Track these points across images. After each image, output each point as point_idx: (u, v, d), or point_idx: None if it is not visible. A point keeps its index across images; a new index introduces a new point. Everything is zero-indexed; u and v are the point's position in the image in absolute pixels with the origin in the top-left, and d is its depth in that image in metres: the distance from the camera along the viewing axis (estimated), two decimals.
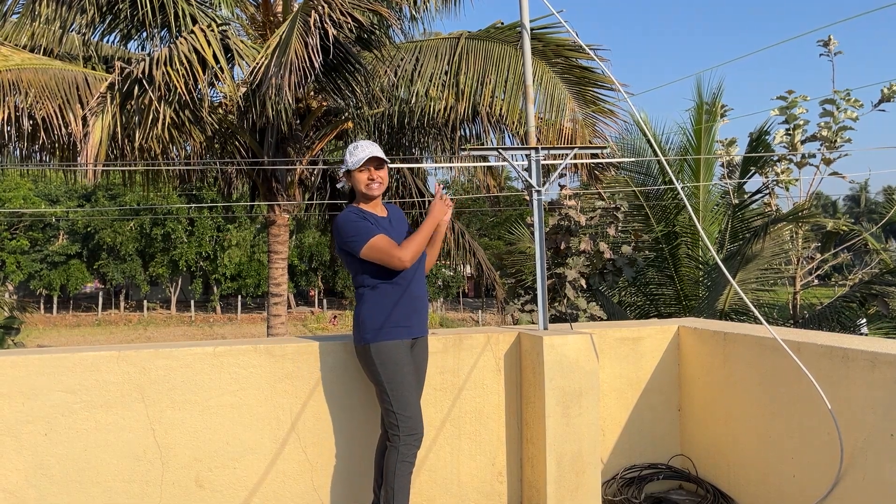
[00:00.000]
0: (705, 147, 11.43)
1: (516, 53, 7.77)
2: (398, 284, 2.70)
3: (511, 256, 11.10)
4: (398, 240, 2.74)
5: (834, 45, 11.76)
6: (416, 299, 2.72)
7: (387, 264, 2.64)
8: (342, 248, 2.72)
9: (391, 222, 2.85)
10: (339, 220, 2.73)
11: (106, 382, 2.64)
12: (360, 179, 2.78)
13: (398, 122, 9.53)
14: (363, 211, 2.76)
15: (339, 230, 2.70)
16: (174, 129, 7.04)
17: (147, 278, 40.10)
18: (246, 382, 2.80)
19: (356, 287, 2.75)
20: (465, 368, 3.06)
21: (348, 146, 2.88)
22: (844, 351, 2.51)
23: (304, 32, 5.76)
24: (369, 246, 2.63)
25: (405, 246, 2.66)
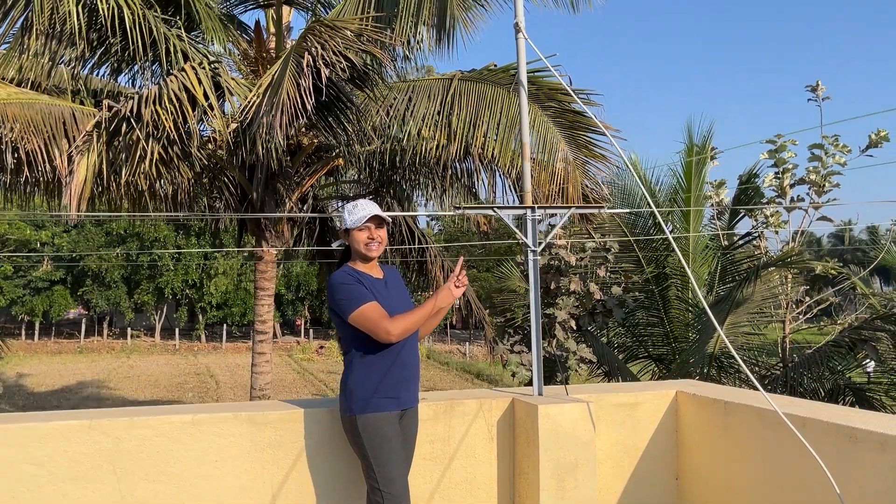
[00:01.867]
0: (695, 189, 11.43)
1: (509, 96, 7.75)
2: (389, 353, 2.58)
3: (501, 295, 11.00)
4: (392, 305, 2.62)
5: (822, 90, 11.88)
6: (406, 369, 2.60)
7: (373, 335, 2.52)
8: (333, 309, 2.60)
9: (387, 285, 2.73)
10: (332, 280, 2.61)
11: (76, 454, 2.50)
12: (359, 239, 2.67)
13: (390, 160, 9.47)
14: (358, 272, 2.64)
15: (332, 291, 2.58)
16: (162, 166, 6.93)
17: (132, 305, 39.65)
18: (226, 452, 2.66)
19: (345, 352, 2.63)
20: (457, 437, 2.93)
21: (346, 205, 2.77)
22: (852, 430, 2.41)
23: (296, 73, 5.70)
24: (359, 312, 2.51)
25: (397, 321, 2.53)
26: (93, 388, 24.86)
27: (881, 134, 11.47)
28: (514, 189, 8.52)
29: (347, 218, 2.67)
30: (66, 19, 6.38)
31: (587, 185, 7.80)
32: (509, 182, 8.22)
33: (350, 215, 2.67)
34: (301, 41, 5.93)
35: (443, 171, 9.37)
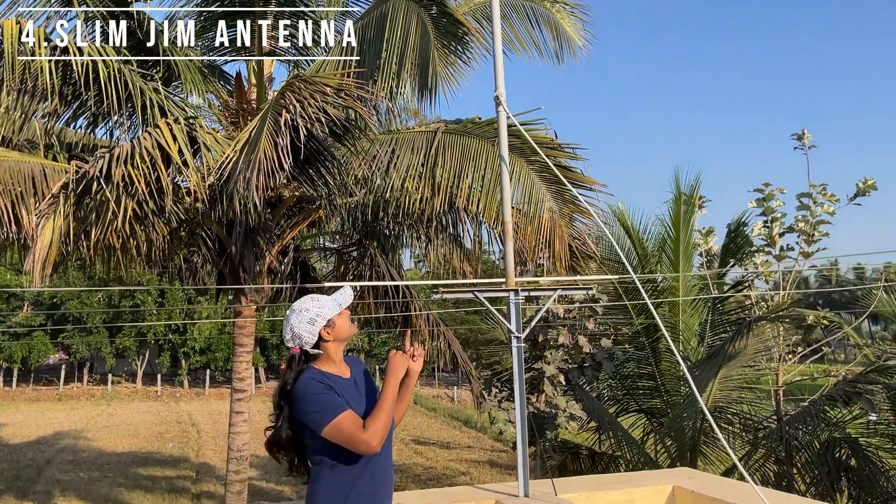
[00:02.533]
0: (684, 238, 11.31)
1: (494, 149, 7.62)
2: (360, 465, 2.32)
3: (488, 347, 10.75)
4: (363, 402, 2.37)
5: (808, 138, 11.87)
6: (379, 482, 2.35)
7: (352, 448, 2.27)
8: (301, 419, 2.33)
9: (356, 383, 2.48)
10: (301, 390, 2.33)
11: None
12: (343, 325, 2.42)
13: (373, 211, 9.29)
14: (327, 376, 2.38)
15: (301, 401, 2.31)
16: (136, 222, 6.71)
17: (113, 351, 38.94)
18: None
19: (312, 463, 2.37)
20: None
21: (304, 305, 2.48)
22: None
23: (273, 131, 5.52)
24: (334, 426, 2.25)
25: (370, 426, 2.27)
26: (70, 439, 24.15)
27: (868, 182, 11.43)
28: (501, 241, 8.34)
29: (323, 312, 2.41)
30: (39, 75, 6.21)
31: (574, 239, 7.64)
32: (495, 235, 8.04)
33: (322, 309, 2.41)
34: (279, 98, 5.78)
35: (427, 222, 9.19)
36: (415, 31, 6.35)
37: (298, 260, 10.20)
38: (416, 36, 6.39)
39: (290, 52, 8.70)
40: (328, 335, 2.43)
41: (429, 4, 6.45)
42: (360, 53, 7.00)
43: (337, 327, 2.42)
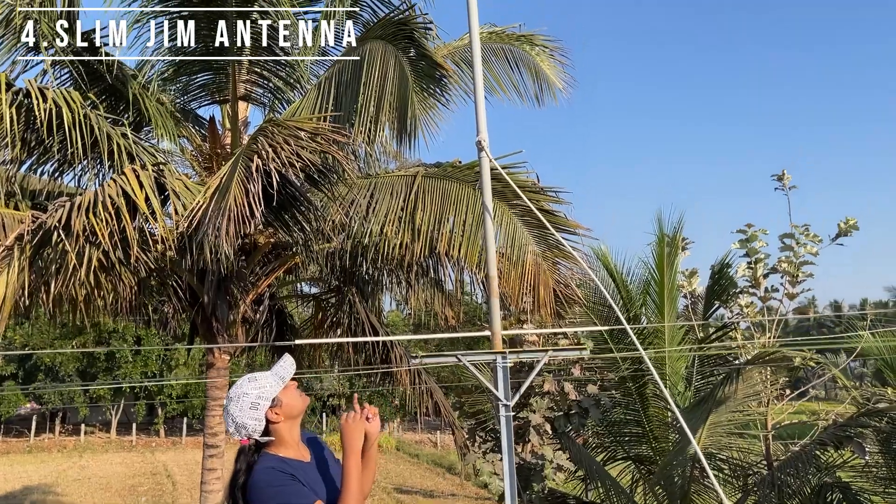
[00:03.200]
0: (668, 281, 11.14)
1: (475, 193, 7.44)
2: None
3: (471, 396, 10.42)
4: (330, 490, 2.09)
5: (788, 179, 11.86)
6: None
7: None
8: None
9: (317, 463, 2.19)
10: (257, 480, 2.01)
11: None
12: (293, 400, 2.14)
13: (352, 257, 9.04)
14: (287, 462, 2.07)
15: (259, 494, 1.98)
16: (101, 273, 6.40)
17: (87, 400, 37.88)
18: None
19: None
20: None
21: (240, 390, 2.18)
22: None
23: (245, 178, 5.29)
24: None
25: None
26: (39, 494, 23.23)
27: (850, 223, 11.40)
28: (484, 287, 8.11)
29: (265, 392, 2.13)
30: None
31: (559, 283, 7.42)
32: (479, 281, 7.81)
33: (264, 389, 2.13)
34: (251, 143, 5.56)
35: (408, 268, 8.96)
36: (392, 74, 6.20)
37: (274, 308, 9.89)
38: (393, 79, 6.23)
39: (265, 96, 8.52)
40: (277, 416, 2.14)
41: (406, 47, 6.32)
42: (336, 97, 6.84)
43: (285, 405, 2.13)
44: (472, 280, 8.13)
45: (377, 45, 6.43)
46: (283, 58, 8.22)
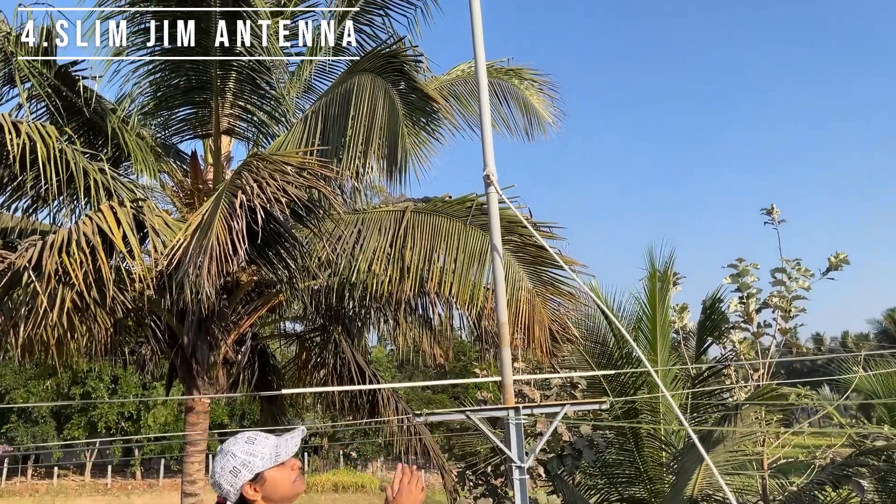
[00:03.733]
0: (660, 316, 10.96)
1: (465, 228, 7.24)
2: None
3: (461, 438, 10.07)
4: None
5: (777, 213, 11.79)
6: None
7: None
8: None
9: None
10: None
11: None
12: (284, 481, 1.86)
13: (338, 295, 8.76)
14: None
15: None
16: (75, 314, 6.08)
17: (60, 440, 36.78)
18: None
19: None
20: None
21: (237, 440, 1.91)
22: None
23: (228, 214, 5.04)
24: None
25: None
26: None
27: (840, 257, 11.31)
28: (476, 326, 7.86)
29: (253, 462, 1.85)
30: None
31: (554, 321, 7.19)
32: (471, 322, 7.55)
33: (253, 457, 1.85)
34: (235, 178, 5.33)
35: (396, 305, 8.70)
36: (382, 107, 6.01)
37: (257, 348, 9.54)
38: (383, 112, 6.04)
39: (249, 130, 8.31)
40: (254, 494, 1.87)
41: (396, 80, 6.14)
42: (323, 131, 6.63)
43: (268, 484, 1.86)
44: (462, 318, 7.88)
45: (366, 77, 6.25)
46: (270, 90, 8.04)
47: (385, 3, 8.59)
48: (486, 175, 2.44)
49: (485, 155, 2.41)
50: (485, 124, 2.58)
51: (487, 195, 2.44)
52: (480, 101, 2.73)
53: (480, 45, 2.95)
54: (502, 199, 2.54)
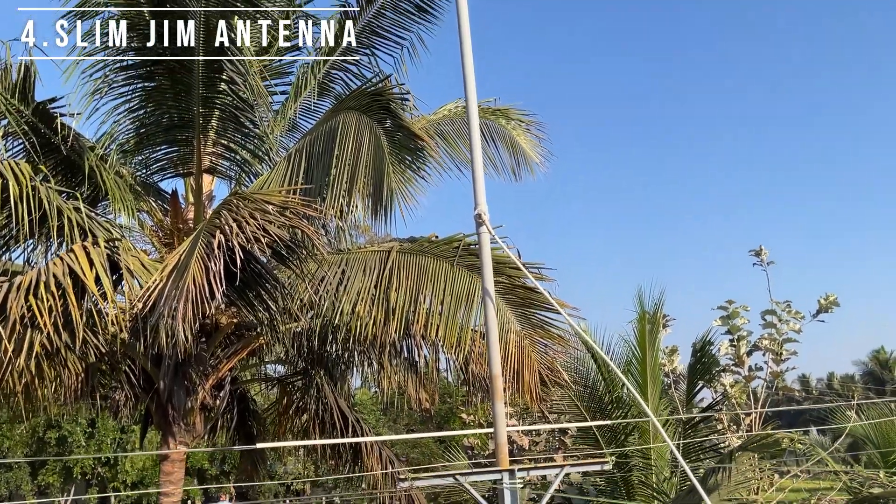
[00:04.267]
0: (650, 359, 10.78)
1: (453, 270, 7.07)
2: None
3: (451, 496, 9.72)
4: None
5: (765, 254, 11.72)
6: None
7: None
8: None
9: None
10: None
11: None
12: None
13: (321, 337, 8.51)
14: None
15: None
16: (44, 360, 5.80)
17: (34, 488, 35.63)
18: None
19: None
20: None
21: None
22: None
23: (205, 255, 4.84)
24: None
25: None
26: None
27: (830, 299, 11.23)
28: (463, 370, 7.63)
29: None
30: None
31: (542, 365, 6.98)
32: (459, 366, 7.33)
33: None
34: (213, 218, 5.14)
35: (380, 348, 8.46)
36: (367, 145, 5.88)
37: (236, 392, 9.23)
38: (368, 151, 5.91)
39: (231, 168, 8.15)
40: None
41: (382, 118, 6.02)
42: (307, 169, 6.47)
43: None
44: (449, 362, 7.65)
45: (351, 116, 6.13)
46: (253, 129, 7.91)
47: (371, 42, 8.55)
48: (478, 214, 2.29)
49: (476, 193, 2.25)
50: (475, 161, 2.44)
51: (479, 235, 2.29)
52: (471, 138, 2.59)
53: (472, 85, 2.82)
54: (493, 239, 2.39)
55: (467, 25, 3.98)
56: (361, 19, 8.45)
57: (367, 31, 8.52)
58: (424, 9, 8.42)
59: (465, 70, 2.98)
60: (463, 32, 3.85)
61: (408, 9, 8.42)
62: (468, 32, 4.01)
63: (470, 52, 3.84)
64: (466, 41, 3.88)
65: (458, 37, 3.92)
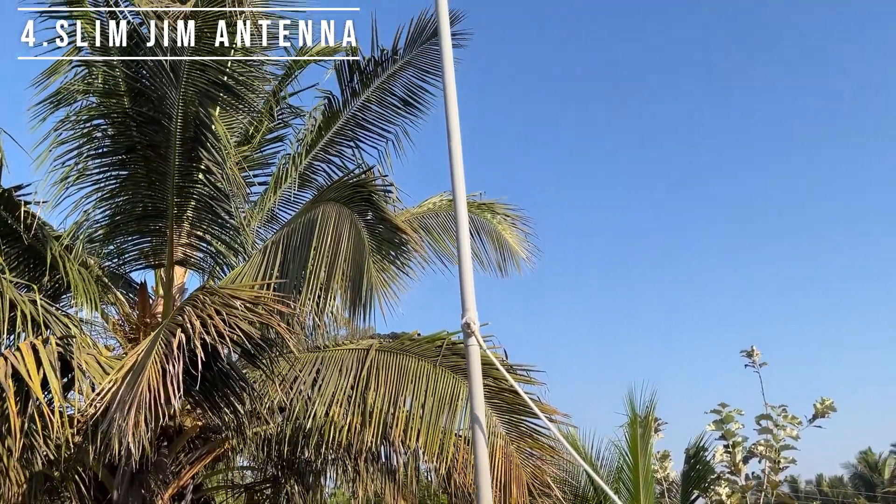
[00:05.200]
0: (643, 465, 10.24)
1: (436, 370, 6.64)
2: None
3: None
4: None
5: (758, 355, 11.37)
6: None
7: None
8: None
9: None
10: None
11: None
12: None
13: (293, 442, 7.93)
14: None
15: None
16: None
17: None
18: None
19: None
20: None
21: None
22: None
23: (163, 357, 4.40)
24: None
25: None
26: None
27: (826, 403, 10.81)
28: (446, 481, 7.06)
29: None
30: None
31: (534, 478, 6.44)
32: (439, 473, 6.77)
33: None
34: (176, 315, 4.73)
35: (356, 454, 7.88)
36: (347, 238, 5.57)
37: (200, 501, 8.52)
38: (348, 244, 5.60)
39: (205, 260, 7.78)
40: None
41: (364, 210, 5.75)
42: (283, 262, 6.12)
43: None
44: (431, 474, 7.10)
45: (331, 207, 5.84)
46: (230, 220, 7.59)
47: (356, 135, 8.42)
48: (466, 323, 1.96)
49: (464, 299, 1.93)
50: (464, 264, 2.12)
51: (467, 348, 1.95)
52: (459, 238, 2.28)
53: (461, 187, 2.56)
54: (483, 347, 2.07)
55: (456, 123, 3.74)
56: (346, 112, 8.36)
57: (352, 123, 8.42)
58: (410, 103, 8.36)
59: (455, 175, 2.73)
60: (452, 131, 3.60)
61: (394, 102, 8.36)
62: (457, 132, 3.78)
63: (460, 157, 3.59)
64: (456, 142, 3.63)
65: (447, 134, 3.67)
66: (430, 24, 7.74)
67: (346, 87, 8.18)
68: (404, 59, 8.05)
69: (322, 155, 8.38)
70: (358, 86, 8.14)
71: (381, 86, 8.20)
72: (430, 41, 7.85)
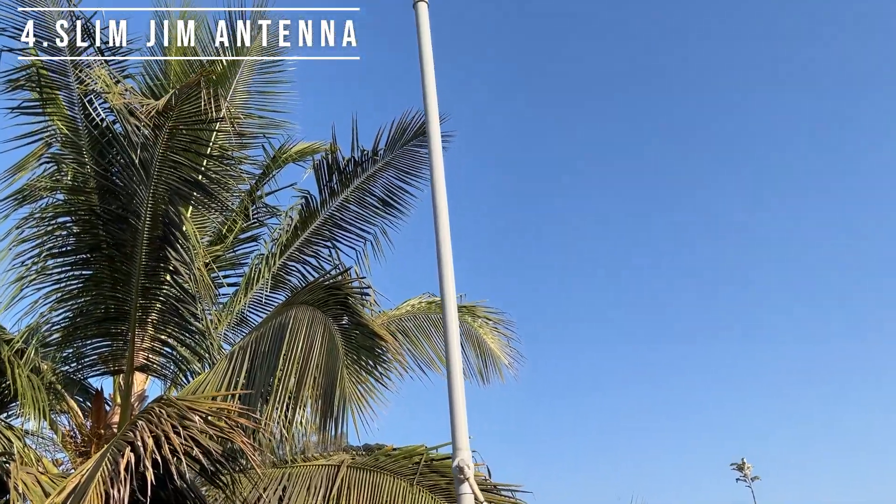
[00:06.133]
0: None
1: (412, 490, 6.11)
2: None
3: None
4: None
5: (749, 468, 10.94)
6: None
7: None
8: None
9: None
10: None
11: None
12: None
13: None
14: None
15: None
16: None
17: None
18: None
19: None
20: None
21: None
22: None
23: (109, 479, 3.91)
24: None
25: None
26: None
27: None
28: None
29: None
30: None
31: None
32: None
33: None
34: (127, 430, 4.27)
35: None
36: (320, 344, 5.21)
37: None
38: (321, 351, 5.22)
39: (167, 366, 7.31)
40: None
41: (339, 314, 5.41)
42: (250, 370, 5.70)
43: None
44: None
45: (304, 311, 5.50)
46: (194, 322, 7.17)
47: (333, 235, 8.18)
48: (459, 467, 1.60)
49: (455, 437, 1.57)
50: (455, 394, 1.78)
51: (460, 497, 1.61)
52: (448, 350, 1.96)
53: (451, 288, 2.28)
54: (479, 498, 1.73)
55: (446, 224, 3.50)
56: (324, 211, 8.15)
57: (330, 223, 8.19)
58: (390, 203, 8.19)
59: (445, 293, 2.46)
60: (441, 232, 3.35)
61: (373, 203, 8.18)
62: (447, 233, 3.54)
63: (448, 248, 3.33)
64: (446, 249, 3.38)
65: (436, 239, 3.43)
66: (412, 125, 7.68)
67: (325, 186, 8.01)
68: (385, 159, 7.94)
69: (297, 255, 8.09)
70: (337, 185, 7.98)
71: (361, 186, 8.05)
72: (411, 142, 7.76)
